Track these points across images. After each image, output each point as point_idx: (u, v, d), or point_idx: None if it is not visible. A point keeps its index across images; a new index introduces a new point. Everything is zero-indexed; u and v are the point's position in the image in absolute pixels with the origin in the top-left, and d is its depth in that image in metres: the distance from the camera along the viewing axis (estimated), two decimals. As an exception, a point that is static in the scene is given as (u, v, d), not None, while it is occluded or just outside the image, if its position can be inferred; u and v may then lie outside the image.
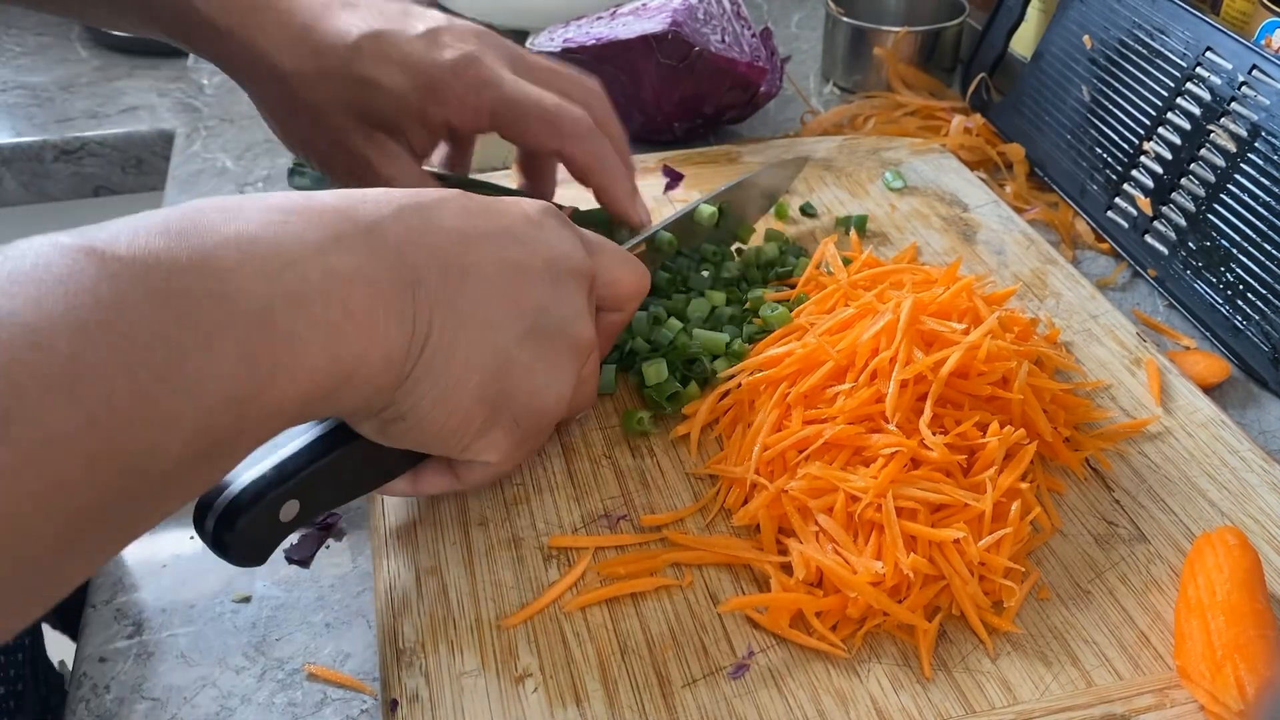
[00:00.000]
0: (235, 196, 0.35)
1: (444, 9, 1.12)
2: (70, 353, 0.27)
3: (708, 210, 0.65)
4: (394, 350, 0.37)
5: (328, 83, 0.56)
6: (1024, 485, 0.51)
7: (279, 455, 0.42)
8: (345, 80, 0.56)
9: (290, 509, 0.42)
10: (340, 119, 0.57)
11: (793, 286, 0.66)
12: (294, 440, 0.42)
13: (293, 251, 0.34)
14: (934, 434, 0.51)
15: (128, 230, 0.31)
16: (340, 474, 0.44)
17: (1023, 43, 0.93)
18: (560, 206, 0.63)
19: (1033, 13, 0.91)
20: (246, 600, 0.51)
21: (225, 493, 0.40)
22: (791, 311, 0.61)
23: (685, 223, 0.64)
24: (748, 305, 0.63)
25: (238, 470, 0.41)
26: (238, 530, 0.40)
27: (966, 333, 0.54)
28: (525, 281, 0.42)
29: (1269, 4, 0.75)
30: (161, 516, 0.32)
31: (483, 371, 0.41)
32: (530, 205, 0.46)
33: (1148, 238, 0.74)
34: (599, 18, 0.86)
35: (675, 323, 0.60)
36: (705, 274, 0.65)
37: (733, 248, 0.70)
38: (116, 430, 0.28)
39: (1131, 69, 0.77)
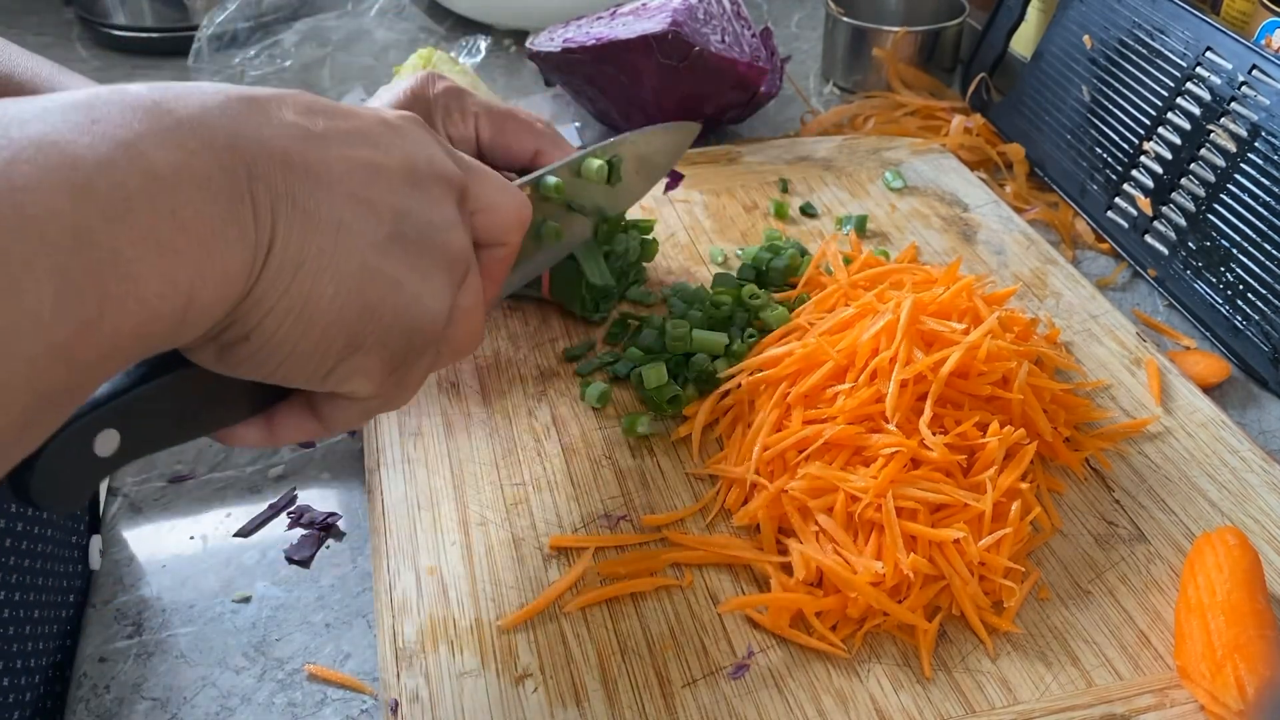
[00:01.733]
0: (30, 98, 0.29)
1: (444, 9, 1.12)
2: None
3: (595, 163, 0.61)
4: (234, 259, 0.31)
5: None
6: (1024, 485, 0.51)
7: None
8: None
9: (108, 440, 0.35)
10: None
11: (793, 286, 0.66)
12: None
13: (103, 155, 0.28)
14: (934, 434, 0.51)
15: None
16: (169, 404, 0.37)
17: (1023, 43, 0.93)
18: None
19: (1033, 13, 0.91)
20: (246, 600, 0.51)
21: None
22: (791, 311, 0.61)
23: (573, 168, 0.60)
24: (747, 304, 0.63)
25: None
26: (42, 461, 0.33)
27: (966, 333, 0.54)
28: (381, 182, 0.37)
29: (1269, 4, 0.75)
30: None
31: (339, 280, 0.35)
32: (389, 111, 0.41)
33: (1148, 238, 0.74)
34: (599, 18, 0.86)
35: (680, 323, 0.60)
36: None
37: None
38: None
39: (1131, 69, 0.77)
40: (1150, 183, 0.74)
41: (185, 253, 0.30)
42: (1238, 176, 0.68)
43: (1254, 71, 0.68)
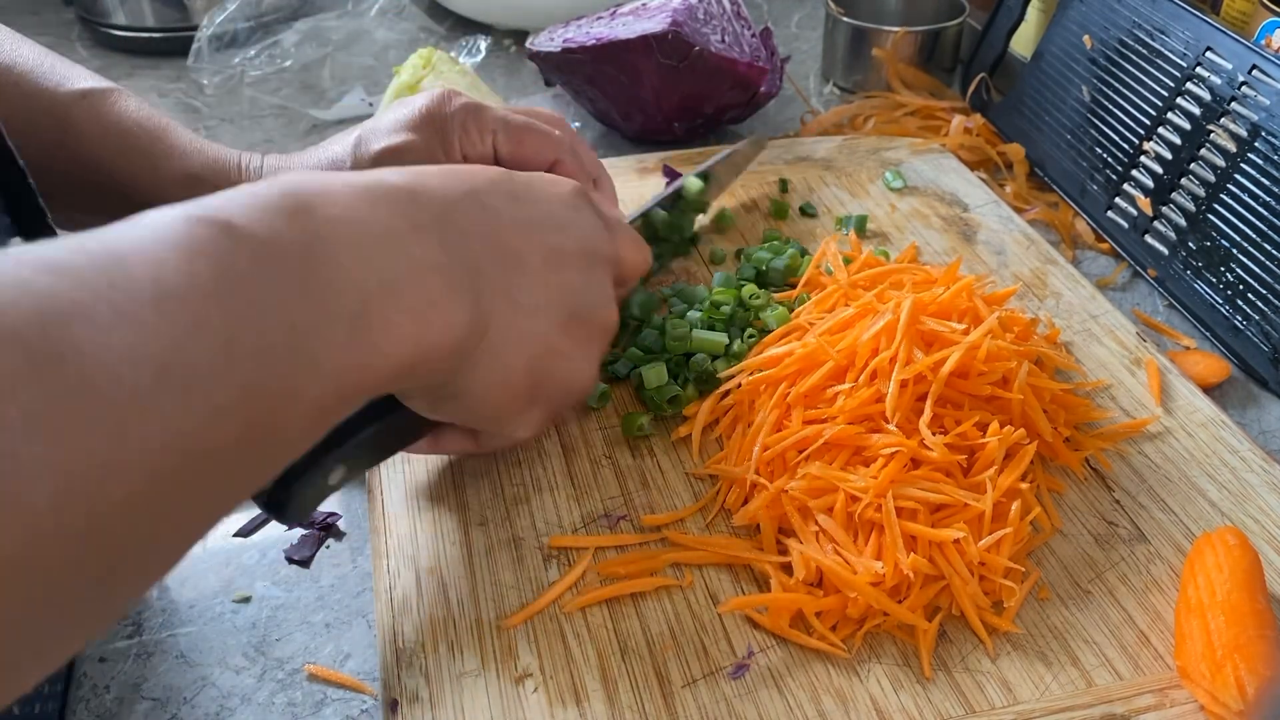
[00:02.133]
0: (319, 175, 0.37)
1: (444, 9, 1.12)
2: (224, 327, 0.29)
3: (695, 183, 0.67)
4: (461, 335, 0.39)
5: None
6: (1024, 485, 0.51)
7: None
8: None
9: (338, 473, 0.44)
10: None
11: (793, 286, 0.66)
12: None
13: (381, 239, 0.36)
14: (934, 434, 0.51)
15: (249, 205, 0.33)
16: (384, 439, 0.47)
17: (1023, 43, 0.93)
18: None
19: (1033, 13, 0.91)
20: (246, 600, 0.51)
21: None
22: (791, 312, 0.61)
23: (672, 196, 0.66)
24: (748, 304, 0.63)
25: None
26: (292, 494, 0.42)
27: (966, 333, 0.54)
28: (565, 269, 0.45)
29: (1269, 4, 0.75)
30: (263, 481, 0.33)
31: (530, 356, 0.44)
32: (566, 187, 0.48)
33: (1148, 238, 0.74)
34: (599, 18, 0.86)
35: (679, 323, 0.60)
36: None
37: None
38: (260, 396, 0.30)
39: (1131, 69, 0.77)
40: (1150, 183, 0.74)
41: (432, 323, 0.37)
42: (1238, 176, 0.68)
43: (1254, 71, 0.68)
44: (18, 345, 0.24)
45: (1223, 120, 0.69)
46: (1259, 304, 0.65)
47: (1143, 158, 0.75)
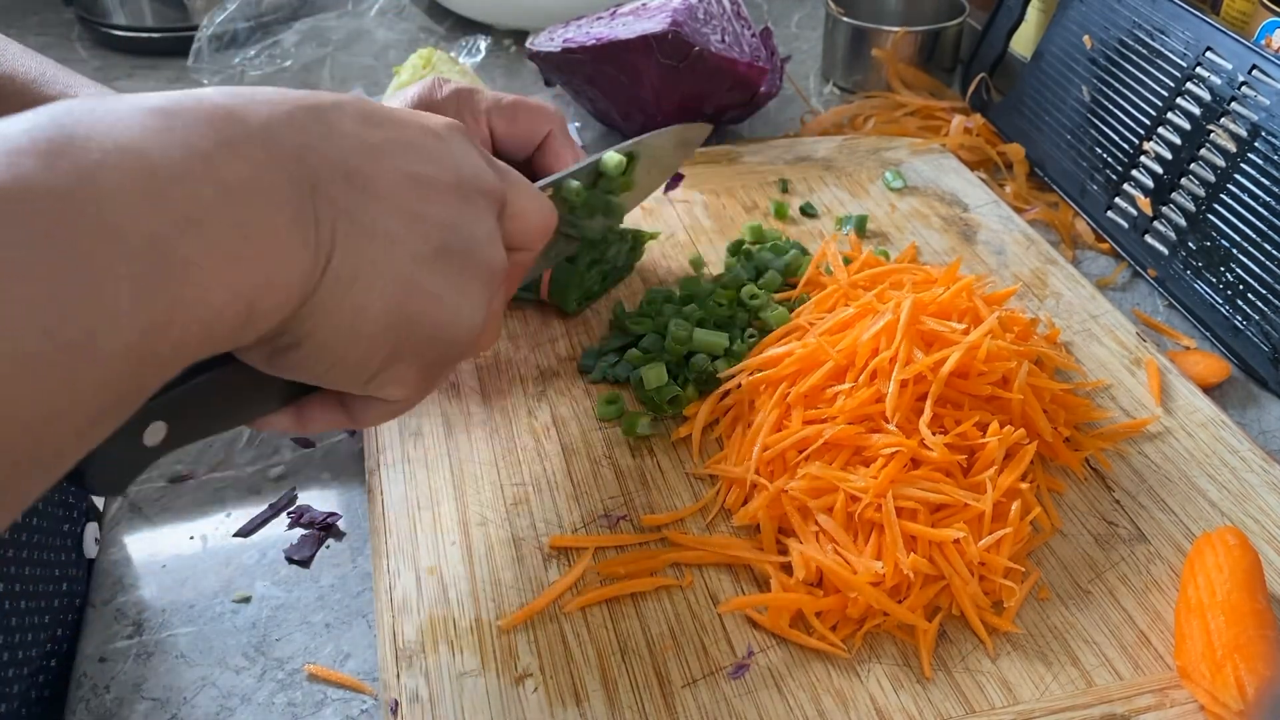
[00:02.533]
0: (108, 98, 0.30)
1: (444, 9, 1.12)
2: None
3: (614, 159, 0.61)
4: (296, 271, 0.32)
5: None
6: (1024, 485, 0.51)
7: None
8: None
9: (155, 432, 0.37)
10: None
11: (793, 286, 0.66)
12: None
13: (179, 164, 0.29)
14: (934, 434, 0.51)
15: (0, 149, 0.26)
16: (214, 398, 0.39)
17: (1023, 43, 0.93)
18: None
19: (1033, 13, 0.91)
20: (246, 600, 0.51)
21: None
22: (791, 312, 0.61)
23: (591, 171, 0.61)
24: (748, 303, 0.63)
25: None
26: (97, 451, 0.33)
27: (966, 333, 0.54)
28: (432, 197, 0.38)
29: (1269, 4, 0.75)
30: (47, 484, 0.28)
31: (388, 295, 0.36)
32: (435, 119, 0.42)
33: (1148, 238, 0.74)
34: (599, 18, 0.86)
35: (681, 323, 0.60)
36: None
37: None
38: (44, 380, 0.25)
39: (1131, 69, 0.77)
40: (1150, 183, 0.74)
41: (251, 263, 0.31)
42: (1238, 176, 0.68)
43: (1254, 71, 0.68)
44: None
45: (1223, 120, 0.69)
46: (1259, 304, 0.65)
47: (1143, 158, 0.75)
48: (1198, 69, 0.72)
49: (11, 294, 0.25)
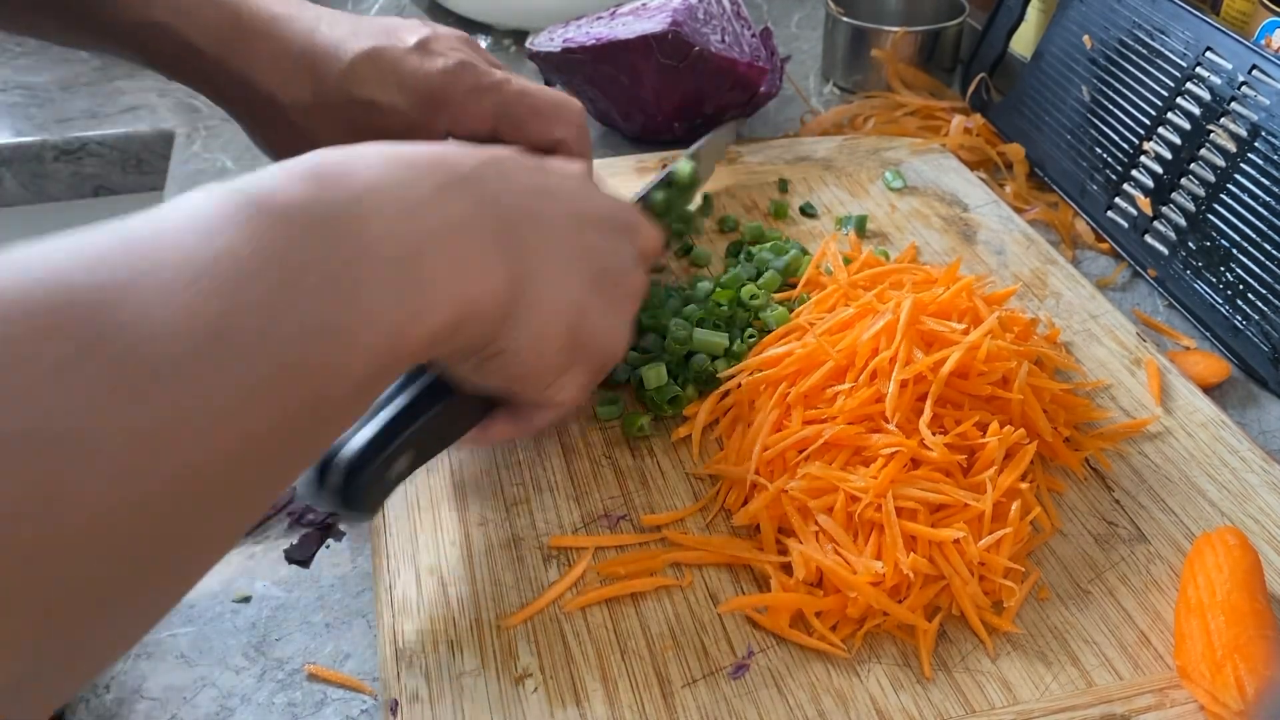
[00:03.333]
0: (346, 147, 0.38)
1: (444, 9, 1.12)
2: (263, 301, 0.30)
3: (686, 167, 0.68)
4: (500, 292, 0.40)
5: (327, 110, 0.57)
6: (1024, 485, 0.51)
7: (388, 413, 0.44)
8: (344, 105, 0.56)
9: (403, 462, 0.45)
10: (340, 142, 0.56)
11: (793, 286, 0.66)
12: (396, 397, 0.45)
13: (414, 200, 0.37)
14: (934, 434, 0.51)
15: (284, 179, 0.34)
16: (439, 426, 0.46)
17: (1023, 43, 0.93)
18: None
19: (1033, 13, 0.91)
20: (246, 600, 0.51)
21: (346, 453, 0.43)
22: (791, 312, 0.61)
23: (667, 183, 0.68)
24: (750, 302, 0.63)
25: (353, 431, 0.44)
26: (362, 487, 0.43)
27: (966, 333, 0.54)
28: (589, 232, 0.46)
29: (1269, 4, 0.75)
30: (311, 460, 0.36)
31: (565, 314, 0.44)
32: (572, 165, 0.49)
33: (1148, 238, 0.74)
34: (599, 18, 0.86)
35: (683, 321, 0.60)
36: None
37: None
38: (303, 369, 0.31)
39: (1131, 69, 0.77)
40: (1150, 183, 0.74)
41: (469, 280, 0.38)
42: (1238, 176, 0.68)
43: (1254, 71, 0.68)
44: (67, 337, 0.26)
45: (1223, 120, 0.69)
46: (1259, 304, 0.65)
47: (1143, 158, 0.75)
48: (1198, 69, 0.72)
49: (304, 289, 0.31)
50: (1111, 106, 0.78)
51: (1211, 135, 0.70)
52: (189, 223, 0.30)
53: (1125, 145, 0.77)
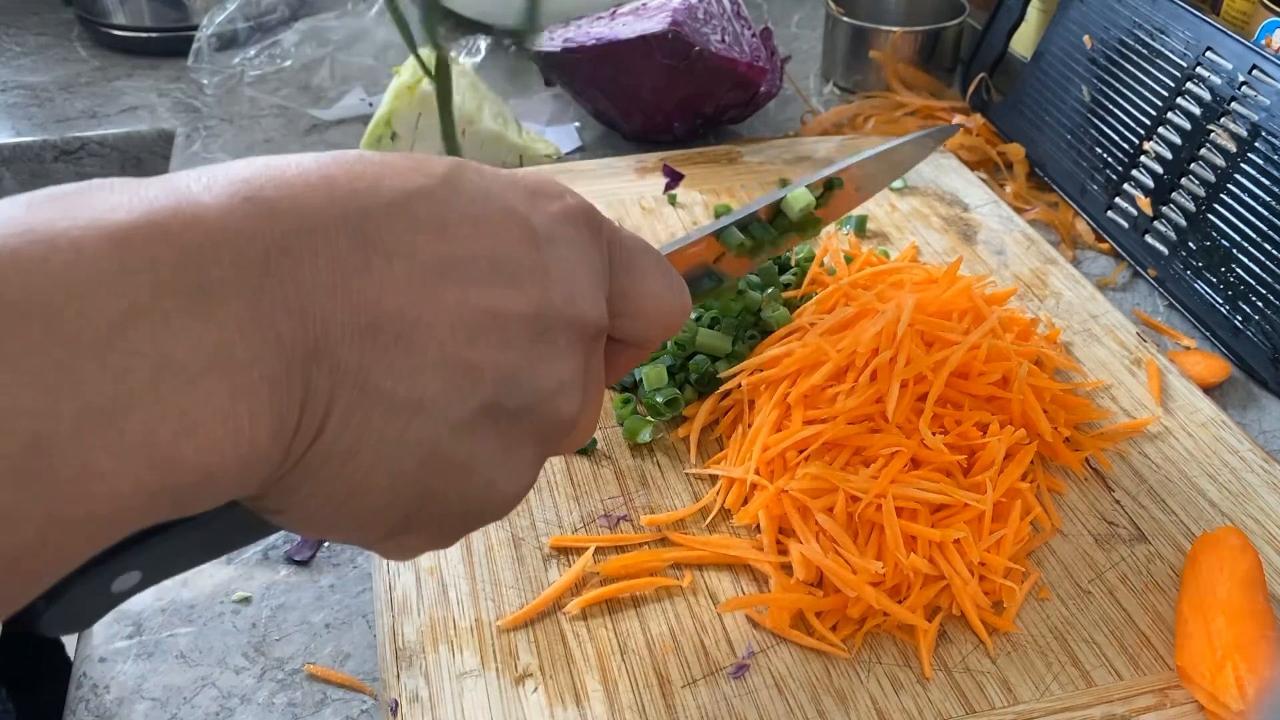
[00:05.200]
0: (89, 192, 0.24)
1: (444, 9, 1.12)
2: None
3: (802, 199, 0.48)
4: (259, 453, 0.25)
5: None
6: (1024, 485, 0.51)
7: None
8: None
9: (127, 580, 0.32)
10: None
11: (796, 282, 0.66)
12: None
13: (114, 319, 0.22)
14: (934, 434, 0.51)
15: None
16: (198, 539, 0.34)
17: (1023, 43, 0.93)
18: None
19: (1033, 13, 0.91)
20: (246, 600, 0.51)
21: None
22: (792, 312, 0.61)
23: (766, 213, 0.48)
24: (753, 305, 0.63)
25: None
26: (59, 605, 0.31)
27: (966, 333, 0.54)
28: (494, 341, 0.30)
29: (1269, 4, 0.75)
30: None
31: (397, 471, 0.29)
32: (561, 204, 0.33)
33: (1148, 238, 0.74)
34: (599, 18, 0.86)
35: (686, 321, 0.60)
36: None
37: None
38: None
39: (1131, 69, 0.77)
40: (1150, 183, 0.74)
41: (187, 449, 0.24)
42: (1238, 176, 0.68)
43: (1254, 71, 0.68)
44: None
45: (1223, 120, 0.69)
46: (1259, 304, 0.65)
47: (1143, 158, 0.75)
48: (1198, 69, 0.72)
49: None
50: (1111, 106, 0.78)
51: (1211, 135, 0.70)
52: None
53: (1125, 145, 0.77)
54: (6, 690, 0.60)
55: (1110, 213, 0.77)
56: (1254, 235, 0.66)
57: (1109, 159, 0.78)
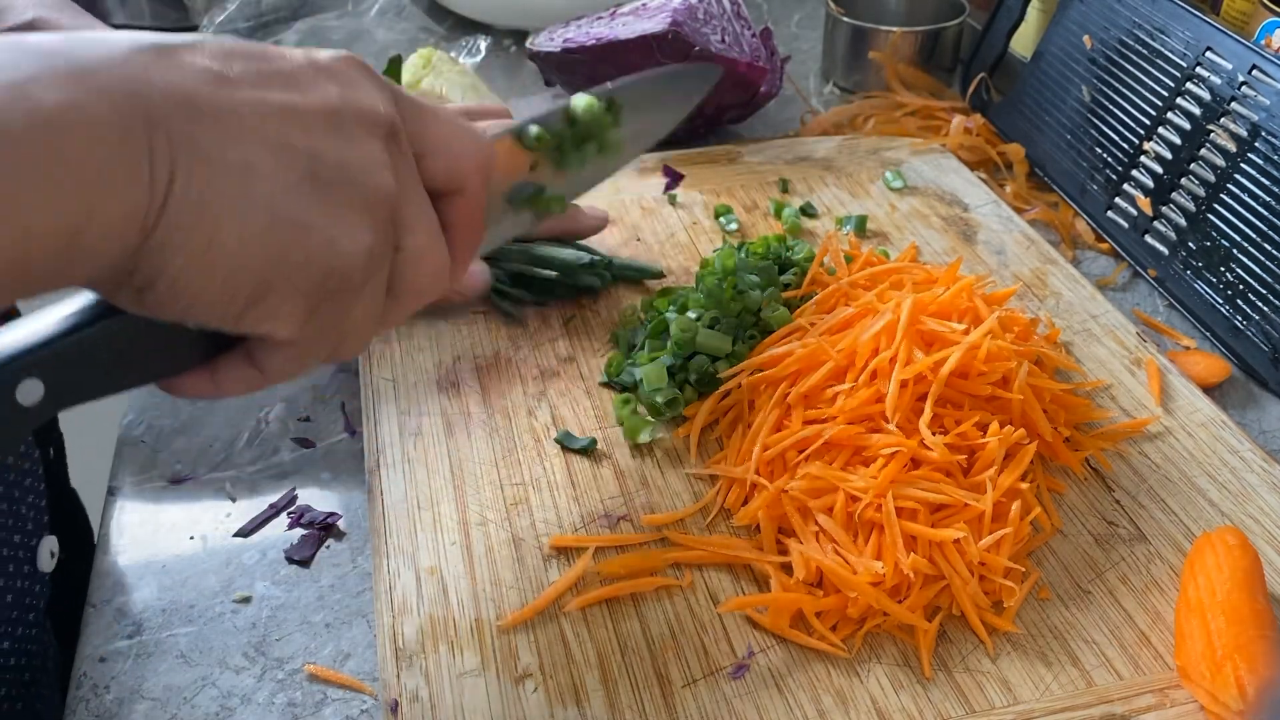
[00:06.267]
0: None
1: (444, 9, 1.12)
2: None
3: (584, 101, 0.54)
4: (129, 203, 0.32)
5: None
6: (1024, 485, 0.51)
7: (17, 325, 0.36)
8: None
9: (31, 390, 0.35)
10: None
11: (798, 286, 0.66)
12: (39, 315, 0.36)
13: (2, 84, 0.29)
14: (934, 434, 0.51)
15: None
16: (102, 353, 0.37)
17: (1023, 43, 0.93)
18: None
19: (1033, 13, 0.91)
20: (246, 600, 0.51)
21: None
22: (792, 312, 0.61)
23: (559, 118, 0.53)
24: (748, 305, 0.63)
25: None
26: None
27: (966, 333, 0.54)
28: (295, 125, 0.37)
29: (1269, 4, 0.75)
30: None
31: (243, 225, 0.35)
32: (325, 54, 0.40)
33: (1148, 238, 0.74)
34: (599, 18, 0.86)
35: (686, 321, 0.60)
36: None
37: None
38: None
39: (1131, 69, 0.77)
40: (1150, 183, 0.74)
41: (69, 190, 0.30)
42: (1238, 176, 0.68)
43: (1254, 71, 0.68)
44: None
45: (1223, 120, 0.69)
46: (1259, 304, 0.65)
47: (1143, 158, 0.75)
48: (1198, 69, 0.72)
49: None
50: (1111, 106, 0.78)
51: (1211, 135, 0.70)
52: None
53: (1125, 145, 0.77)
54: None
55: (1110, 213, 0.77)
56: (1254, 235, 0.66)
57: (1109, 159, 0.78)
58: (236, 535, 0.55)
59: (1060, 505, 0.54)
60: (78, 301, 0.37)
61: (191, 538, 0.55)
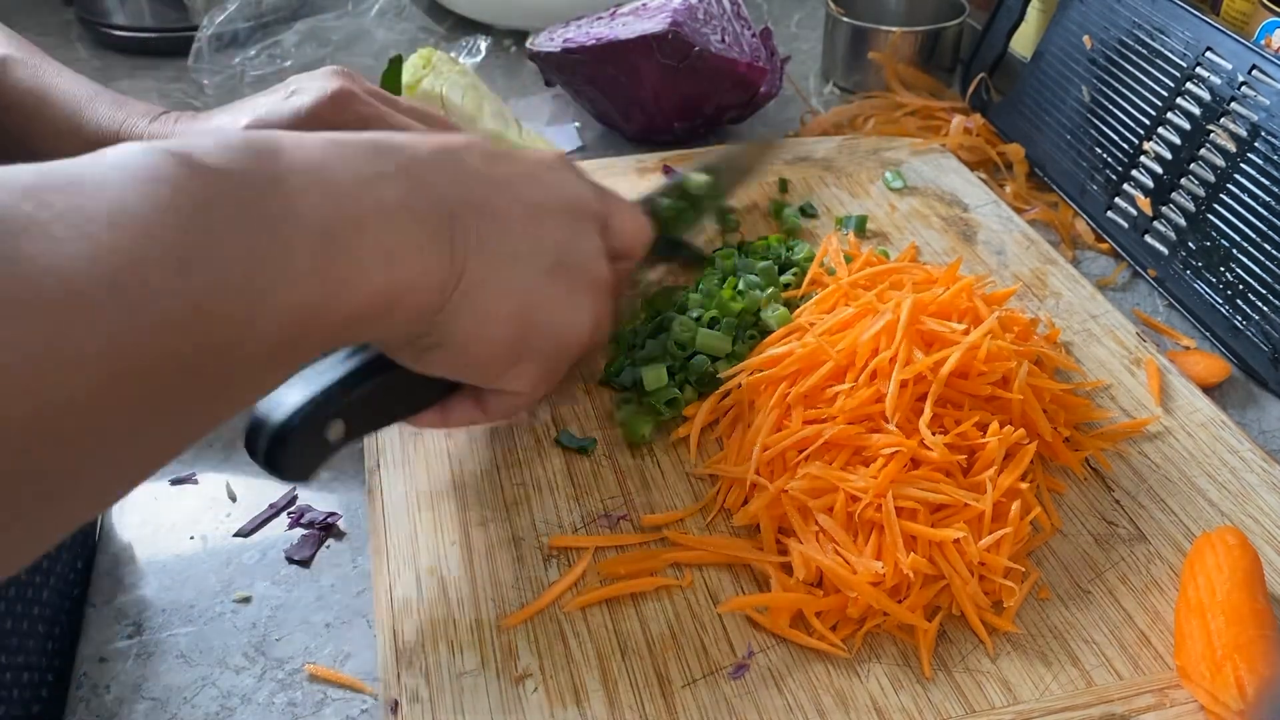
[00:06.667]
0: (296, 132, 0.38)
1: (444, 9, 1.12)
2: (181, 247, 0.31)
3: (698, 179, 0.65)
4: (435, 279, 0.40)
5: None
6: (1024, 485, 0.51)
7: (323, 380, 0.44)
8: None
9: (336, 428, 0.44)
10: None
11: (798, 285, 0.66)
12: (336, 367, 0.45)
13: (347, 181, 0.37)
14: (934, 434, 0.51)
15: (215, 145, 0.34)
16: (379, 399, 0.46)
17: (1023, 43, 0.93)
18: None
19: (1033, 13, 0.91)
20: (247, 600, 0.51)
21: (276, 414, 0.43)
22: (792, 312, 0.61)
23: (676, 188, 0.65)
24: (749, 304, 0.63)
25: (284, 395, 0.43)
26: (289, 449, 0.43)
27: (966, 333, 0.54)
28: (546, 221, 0.45)
29: (1269, 4, 0.75)
30: (226, 414, 0.35)
31: (512, 304, 0.44)
32: (546, 154, 0.49)
33: (1148, 238, 0.74)
34: (599, 18, 0.86)
35: (687, 321, 0.60)
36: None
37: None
38: (213, 317, 0.31)
39: (1131, 69, 0.77)
40: (1150, 183, 0.74)
41: (400, 263, 0.38)
42: (1238, 176, 0.68)
43: (1254, 71, 0.68)
44: None
45: (1223, 120, 0.69)
46: (1259, 304, 0.65)
47: (1143, 158, 0.75)
48: (1198, 69, 0.72)
49: (223, 242, 0.32)
50: (1111, 106, 0.78)
51: (1211, 135, 0.70)
52: (116, 170, 0.31)
53: (1125, 145, 0.77)
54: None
55: (1110, 213, 0.77)
56: (1253, 235, 0.66)
57: (1109, 159, 0.78)
58: (236, 535, 0.55)
59: (1060, 505, 0.54)
60: (349, 356, 0.45)
61: (191, 537, 0.55)
